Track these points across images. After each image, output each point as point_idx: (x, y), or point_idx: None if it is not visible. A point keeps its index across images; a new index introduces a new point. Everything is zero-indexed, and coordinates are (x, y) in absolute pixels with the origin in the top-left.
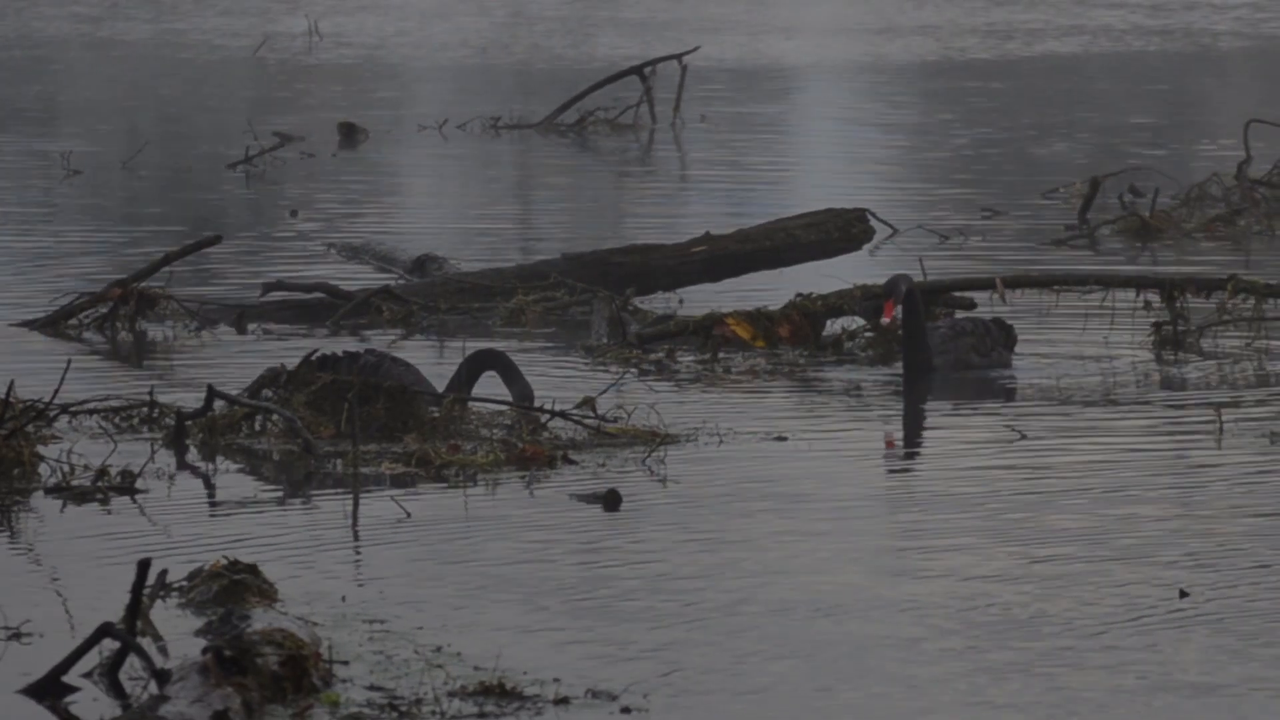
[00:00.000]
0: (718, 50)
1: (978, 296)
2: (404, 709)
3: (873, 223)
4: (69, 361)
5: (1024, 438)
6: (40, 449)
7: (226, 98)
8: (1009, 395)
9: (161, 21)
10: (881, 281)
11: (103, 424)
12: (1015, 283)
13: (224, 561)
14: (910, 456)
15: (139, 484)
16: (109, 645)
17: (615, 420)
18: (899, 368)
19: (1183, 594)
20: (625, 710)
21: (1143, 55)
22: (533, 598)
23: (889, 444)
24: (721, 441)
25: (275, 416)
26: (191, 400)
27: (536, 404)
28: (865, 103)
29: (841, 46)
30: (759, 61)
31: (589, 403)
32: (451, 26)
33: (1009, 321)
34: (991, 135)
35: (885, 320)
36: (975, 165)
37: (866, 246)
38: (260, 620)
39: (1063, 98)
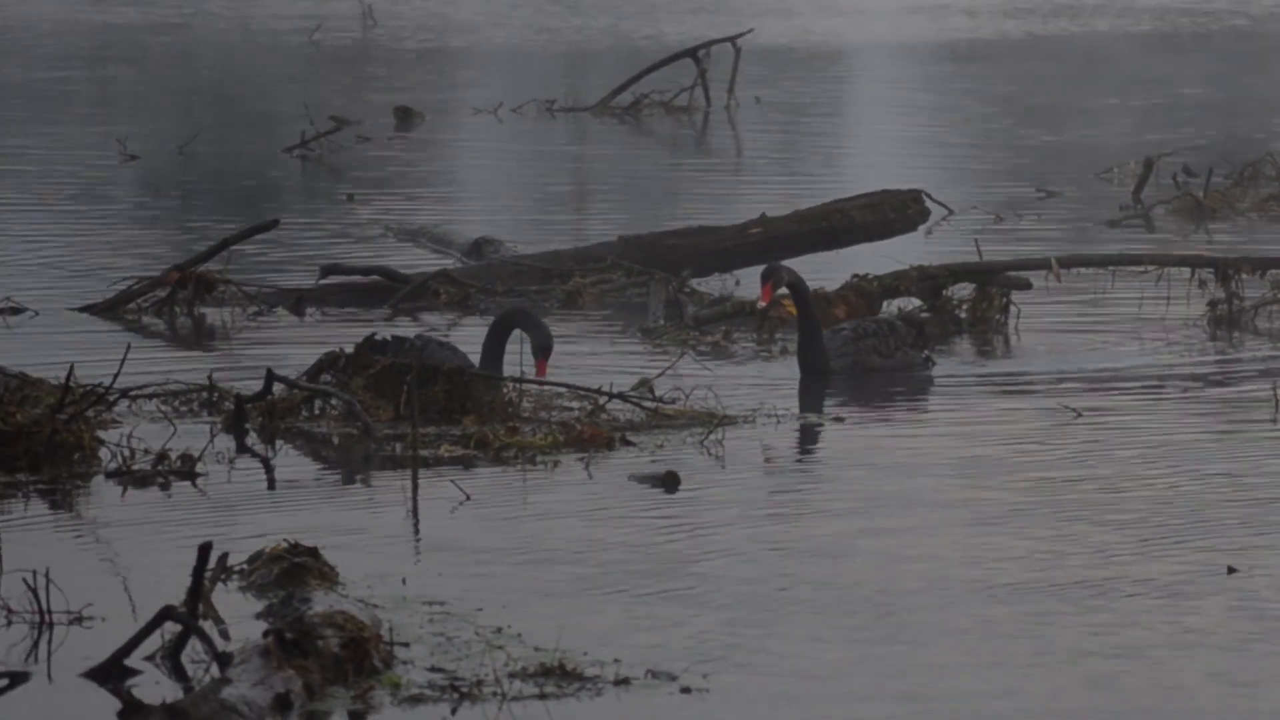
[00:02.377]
0: (772, 32)
1: (1033, 276)
2: (465, 690)
3: (928, 203)
4: (128, 346)
5: (1080, 415)
6: (100, 433)
7: (282, 82)
8: (1063, 375)
9: (217, 5)
10: (939, 262)
11: (162, 408)
12: (1070, 263)
13: (284, 544)
14: (966, 436)
15: (199, 468)
16: (171, 628)
17: (673, 402)
18: (957, 347)
19: (1230, 570)
20: (685, 690)
21: (1191, 35)
22: (592, 579)
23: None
24: (779, 422)
25: (334, 400)
26: (251, 384)
27: (594, 386)
28: (920, 83)
29: (896, 26)
30: (813, 43)
31: (646, 384)
32: (507, 9)
33: (921, 320)
34: (1046, 115)
35: (761, 304)
36: (1030, 145)
37: (922, 227)
38: (321, 603)
39: (1118, 77)
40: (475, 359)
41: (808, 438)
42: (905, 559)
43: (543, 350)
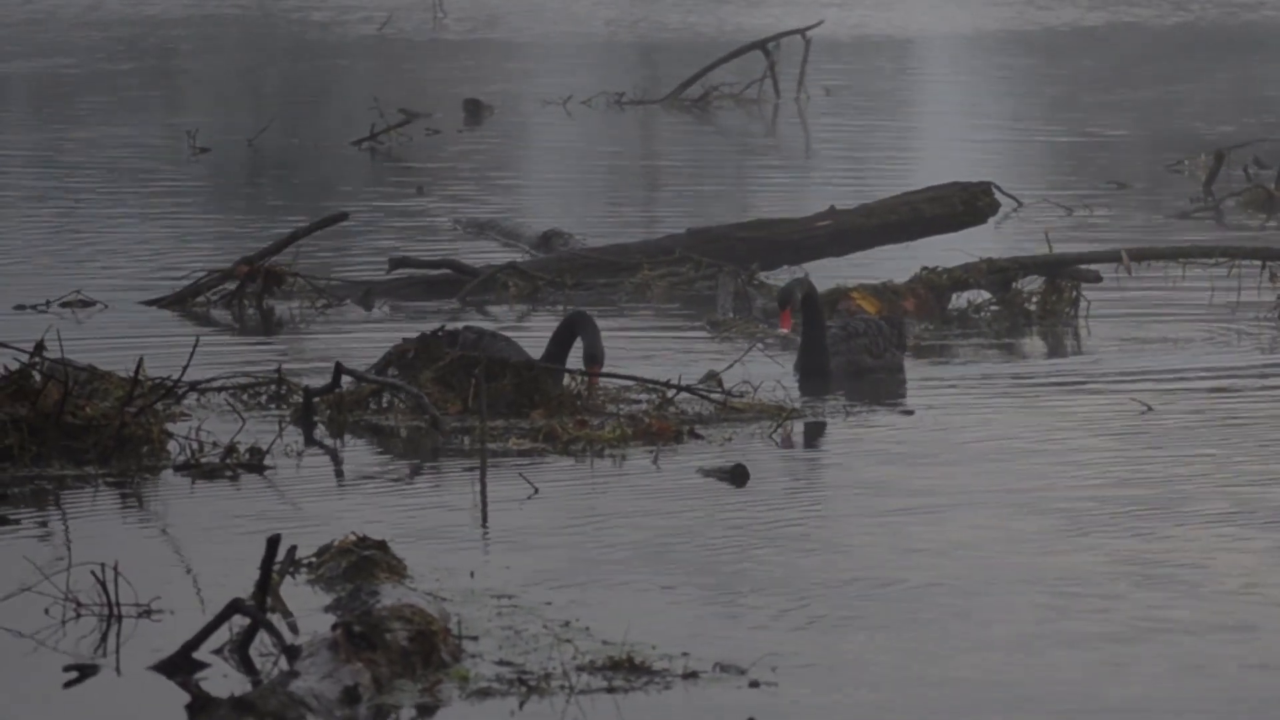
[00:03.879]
0: (842, 23)
1: (1103, 269)
2: (533, 683)
3: (998, 196)
4: (197, 339)
5: (1150, 409)
6: (169, 426)
7: (351, 75)
8: (1130, 370)
9: None
10: (1008, 255)
11: (230, 401)
12: (1140, 255)
13: (353, 537)
14: (1036, 429)
15: (267, 461)
16: (239, 621)
17: (741, 395)
18: (1025, 340)
19: None
20: (754, 684)
21: (1259, 25)
22: (661, 572)
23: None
24: (848, 415)
25: (403, 393)
26: (319, 377)
27: (663, 379)
28: (989, 74)
29: (965, 16)
30: (883, 34)
31: (715, 377)
32: (575, 1)
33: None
34: (1116, 107)
35: (783, 331)
36: (1100, 138)
37: (992, 219)
38: (389, 596)
39: (1188, 69)
40: (531, 355)
41: (876, 430)
42: (976, 553)
43: (591, 358)
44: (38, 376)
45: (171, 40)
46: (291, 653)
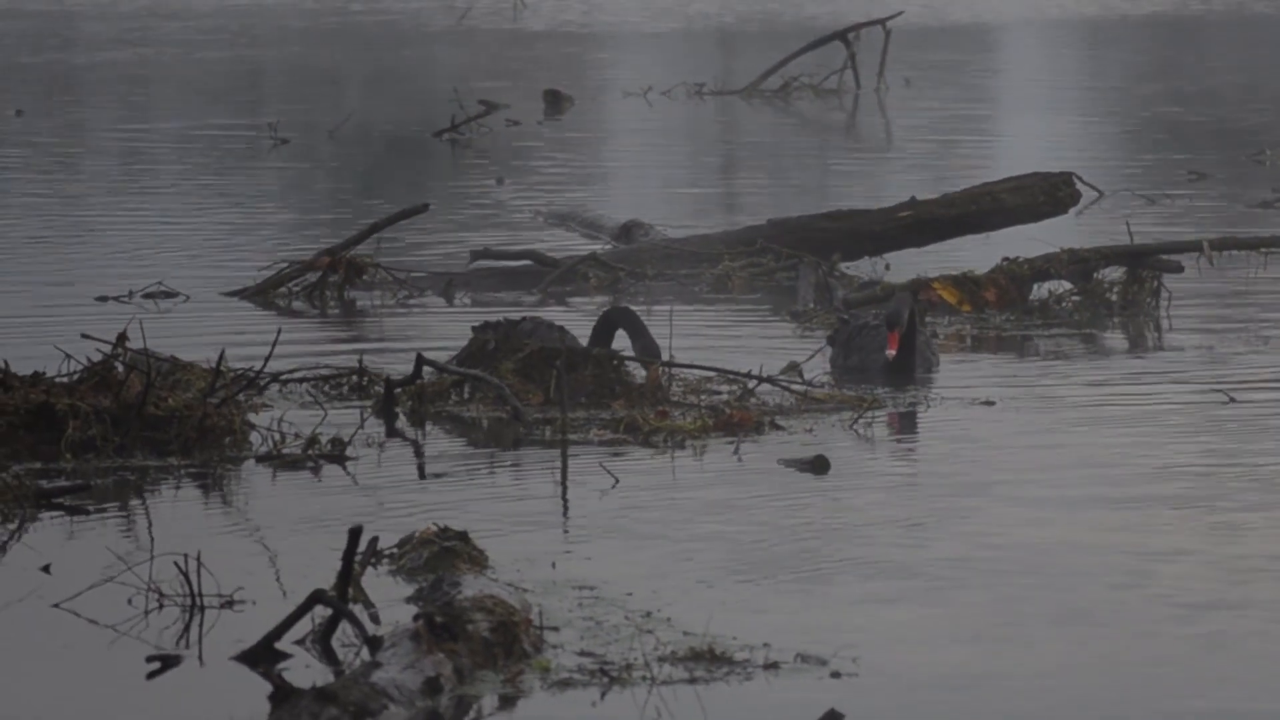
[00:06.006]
0: (922, 12)
1: (1185, 259)
2: (614, 674)
3: (1079, 186)
4: (279, 330)
5: (1232, 400)
6: (251, 417)
7: (432, 65)
8: (1212, 358)
9: None
10: (1090, 245)
11: (312, 392)
12: (1222, 245)
13: (434, 528)
14: (1118, 419)
15: (349, 452)
16: (321, 612)
17: (822, 385)
18: (1106, 331)
19: None
20: (835, 675)
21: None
22: (742, 563)
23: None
24: (928, 406)
25: (484, 384)
26: (400, 368)
27: (743, 370)
28: (1070, 64)
29: (1047, 4)
30: (963, 22)
31: (796, 368)
32: None
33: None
34: (1198, 97)
35: (891, 353)
36: (1181, 127)
37: (1073, 210)
38: (471, 587)
39: (1271, 58)
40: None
41: (958, 420)
42: (1060, 544)
43: (654, 356)
44: (120, 368)
45: (251, 31)
46: (373, 643)
